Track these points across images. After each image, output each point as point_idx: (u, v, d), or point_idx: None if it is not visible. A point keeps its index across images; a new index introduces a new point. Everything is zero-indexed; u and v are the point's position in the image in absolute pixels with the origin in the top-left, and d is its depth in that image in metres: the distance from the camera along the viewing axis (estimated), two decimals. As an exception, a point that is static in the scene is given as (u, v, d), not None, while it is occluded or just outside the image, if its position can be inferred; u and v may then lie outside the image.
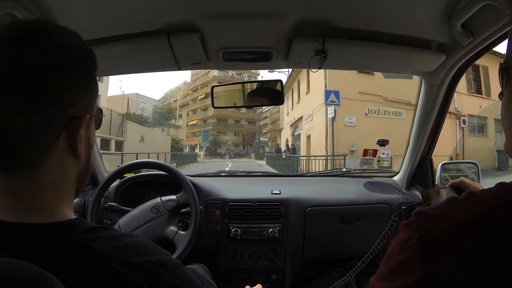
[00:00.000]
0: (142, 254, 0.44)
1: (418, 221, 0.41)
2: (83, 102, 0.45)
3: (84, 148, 0.47)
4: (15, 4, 0.77)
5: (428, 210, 0.41)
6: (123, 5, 0.90)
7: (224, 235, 1.37)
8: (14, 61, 0.39)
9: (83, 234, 0.42)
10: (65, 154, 0.45)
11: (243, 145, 45.69)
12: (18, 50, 0.40)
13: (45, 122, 0.41)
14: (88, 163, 0.50)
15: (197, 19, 0.97)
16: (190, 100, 46.96)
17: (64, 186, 0.46)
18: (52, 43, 0.42)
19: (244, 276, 1.40)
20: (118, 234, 0.46)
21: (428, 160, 1.51)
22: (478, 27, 0.93)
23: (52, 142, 0.43)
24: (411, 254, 0.39)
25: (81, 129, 0.45)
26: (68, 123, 0.43)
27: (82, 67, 0.45)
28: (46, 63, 0.41)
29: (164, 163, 1.31)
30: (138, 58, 1.17)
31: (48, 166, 0.43)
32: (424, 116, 1.39)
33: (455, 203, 0.41)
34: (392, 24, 1.03)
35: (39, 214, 0.42)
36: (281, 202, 1.38)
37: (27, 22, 0.43)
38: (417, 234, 0.39)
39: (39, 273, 0.35)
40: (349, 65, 1.44)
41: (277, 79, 1.28)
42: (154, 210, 1.22)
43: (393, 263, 0.42)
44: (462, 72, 1.22)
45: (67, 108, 0.43)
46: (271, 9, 0.94)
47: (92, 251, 0.41)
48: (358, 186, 1.59)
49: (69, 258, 0.40)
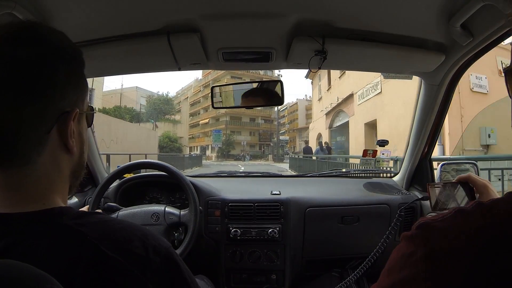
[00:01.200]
0: (134, 239, 0.43)
1: (422, 235, 0.38)
2: (73, 97, 0.47)
3: (77, 143, 0.48)
4: (15, 4, 0.77)
5: (432, 222, 0.39)
6: (123, 5, 0.90)
7: (224, 236, 1.37)
8: (4, 59, 0.41)
9: (73, 219, 0.43)
10: (57, 149, 0.46)
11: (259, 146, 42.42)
12: (8, 49, 0.41)
13: (36, 116, 0.42)
14: (82, 159, 0.51)
15: (197, 19, 0.97)
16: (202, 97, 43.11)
17: (58, 181, 0.47)
18: (40, 41, 0.44)
19: (244, 277, 1.40)
20: (111, 218, 0.46)
21: (428, 160, 1.51)
22: (477, 27, 0.93)
23: (44, 137, 0.44)
24: (415, 271, 0.37)
25: (71, 123, 0.46)
26: (58, 118, 0.44)
27: (69, 63, 0.46)
28: (35, 60, 0.42)
29: (163, 164, 1.31)
30: (138, 58, 1.17)
31: (41, 161, 0.44)
32: (424, 117, 1.39)
33: (463, 214, 0.38)
34: (392, 25, 1.03)
35: (33, 205, 0.43)
36: (281, 203, 1.38)
37: (15, 23, 0.45)
38: (422, 250, 0.37)
39: (38, 274, 0.35)
40: (349, 65, 1.45)
41: (277, 79, 1.28)
42: (154, 217, 1.22)
43: (395, 278, 0.39)
44: (461, 73, 1.22)
45: (56, 103, 0.44)
46: (271, 10, 0.94)
47: (82, 236, 0.41)
48: (357, 187, 1.59)
49: (58, 243, 0.40)
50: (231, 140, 39.14)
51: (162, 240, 0.46)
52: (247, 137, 42.05)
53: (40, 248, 0.39)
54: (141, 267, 0.41)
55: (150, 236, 0.45)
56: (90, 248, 0.40)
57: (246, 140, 41.22)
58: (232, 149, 38.56)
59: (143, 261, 0.42)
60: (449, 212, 0.39)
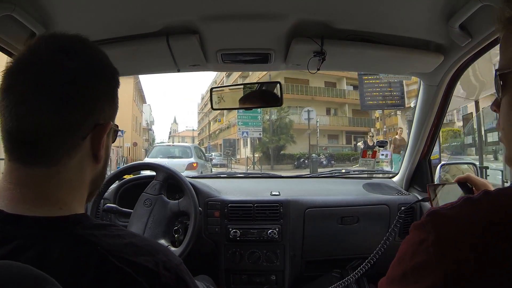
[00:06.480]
0: (145, 253, 0.44)
1: (432, 222, 0.39)
2: (109, 111, 0.49)
3: (104, 155, 0.50)
4: (14, 6, 0.77)
5: (442, 210, 0.39)
6: (122, 7, 0.90)
7: (224, 237, 1.37)
8: (55, 67, 0.44)
9: (87, 229, 0.43)
10: (86, 157, 0.48)
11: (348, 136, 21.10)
12: (59, 58, 0.45)
13: (77, 123, 0.45)
14: (104, 170, 0.53)
15: (195, 21, 0.97)
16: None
17: (79, 186, 0.48)
18: (89, 55, 0.48)
19: (244, 277, 1.40)
20: (123, 232, 0.46)
21: (427, 161, 1.51)
22: (476, 28, 0.93)
23: (79, 143, 0.46)
24: (426, 257, 0.37)
25: (105, 135, 0.49)
26: (94, 128, 0.47)
27: (111, 79, 0.50)
28: (84, 70, 0.46)
29: (163, 165, 1.31)
30: (137, 60, 1.17)
31: (69, 165, 0.46)
32: (423, 117, 1.40)
33: (471, 202, 0.39)
34: (390, 25, 1.03)
35: (49, 208, 0.44)
36: (280, 203, 1.38)
37: (67, 35, 0.48)
38: (433, 236, 0.38)
39: (38, 275, 0.35)
40: (348, 66, 1.45)
41: (276, 81, 1.28)
42: (147, 203, 1.22)
43: (406, 266, 0.40)
44: (460, 73, 1.23)
45: (96, 113, 0.47)
46: (269, 11, 0.95)
47: (92, 246, 0.41)
48: (357, 187, 1.59)
49: (68, 252, 0.40)
50: (284, 123, 18.65)
51: (173, 257, 0.47)
52: (321, 117, 19.37)
53: (51, 254, 0.40)
54: (150, 280, 0.41)
55: (161, 251, 0.46)
56: (99, 258, 0.40)
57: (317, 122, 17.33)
58: (287, 141, 18.25)
59: (152, 274, 0.42)
60: (457, 201, 0.40)
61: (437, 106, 1.34)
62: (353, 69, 1.40)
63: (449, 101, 1.34)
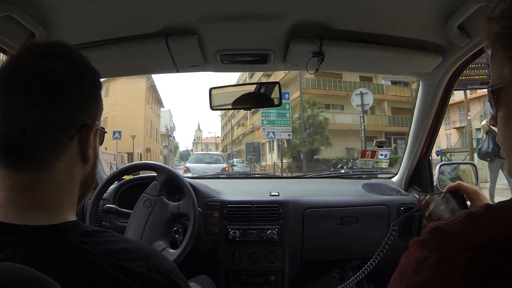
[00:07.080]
0: (138, 258, 0.44)
1: (435, 240, 0.38)
2: (93, 111, 0.51)
3: (92, 155, 0.50)
4: (14, 7, 0.77)
5: (444, 226, 0.39)
6: (121, 8, 0.90)
7: (223, 237, 1.37)
8: (39, 71, 0.46)
9: (78, 237, 0.43)
10: (75, 158, 0.48)
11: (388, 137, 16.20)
12: (43, 62, 0.46)
13: (63, 122, 0.46)
14: (94, 171, 0.53)
15: (194, 21, 0.97)
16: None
17: (69, 189, 0.48)
18: (72, 58, 0.50)
19: (243, 278, 1.40)
20: (115, 238, 0.46)
21: (426, 161, 1.51)
22: (474, 29, 0.94)
23: (66, 143, 0.47)
24: (430, 276, 0.37)
25: (91, 135, 0.49)
26: (80, 128, 0.48)
27: (93, 79, 0.51)
28: (67, 73, 0.47)
29: (162, 165, 1.31)
30: (137, 60, 1.17)
31: (59, 167, 0.46)
32: (422, 117, 1.40)
33: (473, 218, 0.38)
34: (389, 26, 1.03)
35: (39, 214, 0.44)
36: (280, 204, 1.38)
37: (49, 42, 0.51)
38: (436, 255, 0.37)
39: (39, 277, 0.35)
40: (347, 66, 1.45)
41: (275, 81, 1.29)
42: (147, 203, 1.21)
43: (409, 283, 0.39)
44: (459, 74, 1.23)
45: (81, 113, 0.48)
46: (268, 12, 0.95)
47: (84, 253, 0.41)
48: (356, 188, 1.59)
49: (60, 260, 0.41)
50: (318, 121, 16.07)
51: (166, 261, 0.47)
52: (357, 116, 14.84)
53: (43, 263, 0.40)
54: (143, 285, 0.42)
55: (154, 256, 0.46)
56: (91, 265, 0.40)
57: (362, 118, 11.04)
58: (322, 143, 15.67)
59: (145, 280, 0.42)
60: (459, 216, 0.39)
61: (436, 106, 1.34)
62: (352, 69, 1.40)
63: (448, 101, 1.34)
